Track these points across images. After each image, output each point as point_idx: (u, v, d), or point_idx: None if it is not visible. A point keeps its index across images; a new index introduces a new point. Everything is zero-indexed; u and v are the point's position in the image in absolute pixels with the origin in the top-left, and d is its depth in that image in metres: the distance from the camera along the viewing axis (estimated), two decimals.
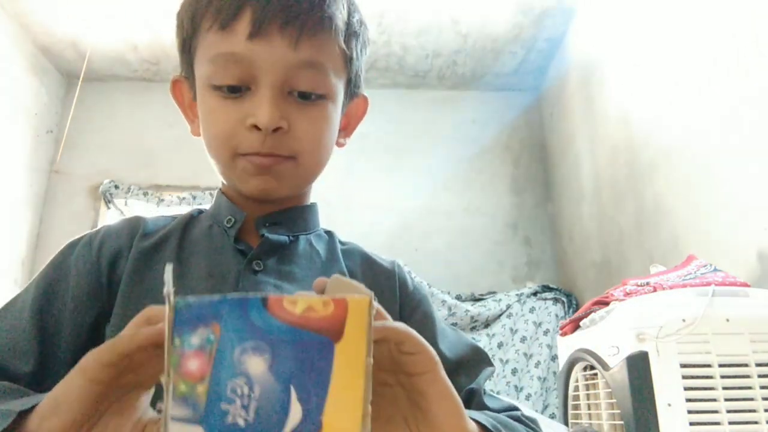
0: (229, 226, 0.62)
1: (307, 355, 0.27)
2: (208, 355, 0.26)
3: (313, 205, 0.68)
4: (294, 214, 0.65)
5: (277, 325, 0.27)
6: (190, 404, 0.26)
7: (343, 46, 0.58)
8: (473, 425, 0.40)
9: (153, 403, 0.37)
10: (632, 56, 2.39)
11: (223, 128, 0.56)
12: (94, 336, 0.55)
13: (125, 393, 0.36)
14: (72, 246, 0.60)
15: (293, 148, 0.56)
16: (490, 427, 0.44)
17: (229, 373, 0.26)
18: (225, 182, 0.64)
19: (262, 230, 0.61)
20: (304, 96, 0.56)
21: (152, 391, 0.36)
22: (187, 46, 0.60)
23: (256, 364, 0.27)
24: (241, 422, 0.26)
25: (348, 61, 0.60)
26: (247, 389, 0.26)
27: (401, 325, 0.36)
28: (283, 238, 0.62)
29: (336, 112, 0.61)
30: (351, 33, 0.59)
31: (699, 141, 1.88)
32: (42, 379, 0.51)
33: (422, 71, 3.55)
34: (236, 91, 0.55)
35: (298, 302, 0.27)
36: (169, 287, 0.28)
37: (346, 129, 0.68)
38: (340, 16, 0.56)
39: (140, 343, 0.32)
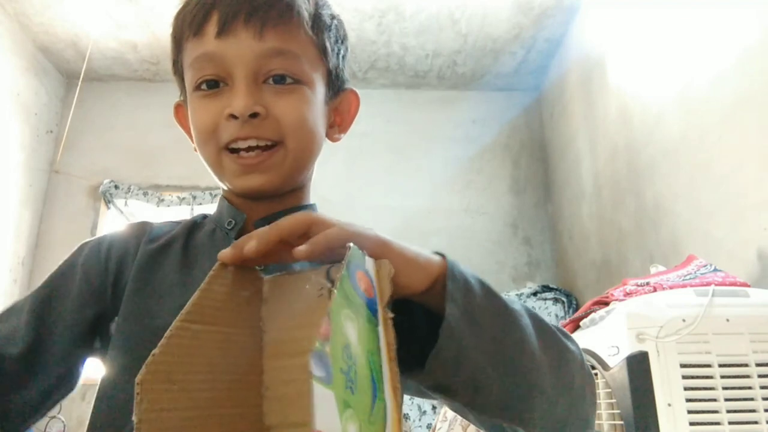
0: (229, 228, 0.63)
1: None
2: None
3: (311, 206, 0.69)
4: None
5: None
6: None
7: (311, 34, 0.59)
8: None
9: None
10: (632, 56, 2.39)
11: (205, 122, 0.58)
12: (92, 332, 0.59)
13: None
14: (82, 248, 0.64)
15: (277, 131, 0.58)
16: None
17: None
18: (221, 184, 0.65)
19: None
20: (279, 81, 0.58)
21: None
22: (178, 68, 0.63)
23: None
24: None
25: (323, 51, 0.61)
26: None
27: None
28: None
29: (315, 99, 0.61)
30: (321, 24, 0.61)
31: (699, 141, 1.88)
32: (30, 363, 0.56)
33: (422, 71, 3.55)
34: (215, 86, 0.58)
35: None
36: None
37: (341, 125, 0.69)
38: (305, 7, 0.59)
39: None
